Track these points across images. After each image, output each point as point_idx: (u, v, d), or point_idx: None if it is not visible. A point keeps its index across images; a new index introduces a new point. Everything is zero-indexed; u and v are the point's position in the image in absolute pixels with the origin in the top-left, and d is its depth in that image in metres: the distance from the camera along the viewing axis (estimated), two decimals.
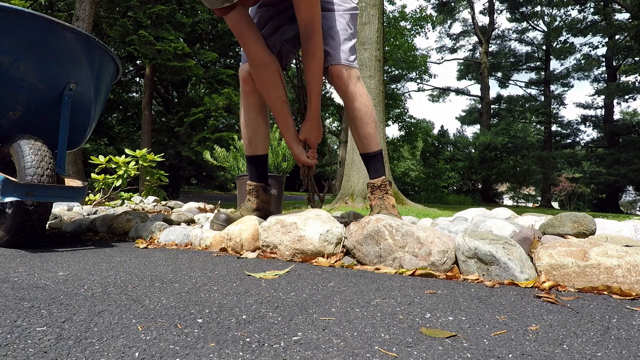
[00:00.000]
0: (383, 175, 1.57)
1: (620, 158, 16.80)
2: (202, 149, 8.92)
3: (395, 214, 1.55)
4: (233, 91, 9.73)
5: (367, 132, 1.57)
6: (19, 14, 1.60)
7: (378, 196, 1.56)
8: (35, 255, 1.52)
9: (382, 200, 1.55)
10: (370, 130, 1.56)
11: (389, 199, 1.56)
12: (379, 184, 1.56)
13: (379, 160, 1.59)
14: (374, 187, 1.58)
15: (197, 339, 0.65)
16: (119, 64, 2.12)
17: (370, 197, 1.60)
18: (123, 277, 1.13)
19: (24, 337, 0.65)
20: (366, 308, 0.85)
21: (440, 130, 23.59)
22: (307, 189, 1.88)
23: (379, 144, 1.62)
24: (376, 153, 1.59)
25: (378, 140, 1.61)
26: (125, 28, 8.99)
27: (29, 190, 1.57)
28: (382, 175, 1.58)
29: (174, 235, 1.93)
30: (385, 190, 1.57)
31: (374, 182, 1.58)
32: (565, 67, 23.42)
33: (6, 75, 1.65)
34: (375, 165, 1.59)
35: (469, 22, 23.74)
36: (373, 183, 1.58)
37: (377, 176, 1.58)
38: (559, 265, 1.04)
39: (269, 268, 1.30)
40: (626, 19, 16.59)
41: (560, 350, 0.63)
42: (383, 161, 1.62)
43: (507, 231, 1.46)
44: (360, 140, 1.60)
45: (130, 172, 4.05)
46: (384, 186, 1.57)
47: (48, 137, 1.86)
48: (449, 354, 0.61)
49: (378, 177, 1.58)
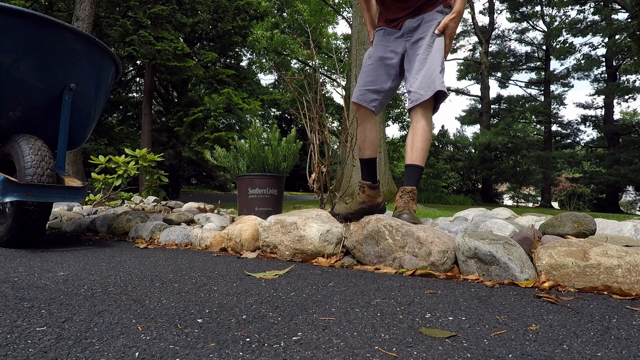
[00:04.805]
0: (415, 186, 1.79)
1: (620, 158, 16.79)
2: (202, 148, 8.92)
3: (415, 217, 1.68)
4: (233, 91, 9.73)
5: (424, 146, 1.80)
6: (19, 14, 1.59)
7: (405, 200, 1.75)
8: (35, 255, 1.52)
9: (407, 203, 1.73)
10: (425, 146, 1.80)
11: (413, 204, 1.75)
12: (409, 190, 1.77)
13: (420, 174, 1.82)
14: (404, 192, 1.77)
15: (197, 339, 0.65)
16: (119, 64, 2.12)
17: (398, 199, 1.78)
18: (123, 277, 1.13)
19: (24, 337, 0.65)
20: (366, 308, 0.85)
21: (440, 130, 23.59)
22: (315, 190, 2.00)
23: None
24: (421, 168, 1.81)
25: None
26: (125, 28, 8.98)
27: (29, 190, 1.57)
28: (415, 185, 1.79)
29: (174, 235, 1.93)
30: (412, 196, 1.76)
31: (405, 188, 1.78)
32: (565, 67, 23.44)
33: (6, 75, 1.64)
34: (414, 176, 1.80)
35: (469, 22, 23.72)
36: (405, 189, 1.78)
37: (410, 185, 1.79)
38: (559, 265, 1.04)
39: (269, 268, 1.30)
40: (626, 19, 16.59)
41: (560, 350, 0.63)
42: (421, 176, 1.84)
43: (507, 231, 1.46)
44: (413, 152, 1.81)
45: (130, 172, 4.05)
46: (412, 193, 1.77)
47: (48, 137, 1.85)
48: (449, 354, 0.60)
49: (410, 186, 1.78)
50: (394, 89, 1.95)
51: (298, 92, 2.09)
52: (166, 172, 4.65)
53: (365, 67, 1.94)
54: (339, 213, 1.88)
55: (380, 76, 1.89)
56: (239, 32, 11.59)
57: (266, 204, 2.58)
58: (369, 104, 1.90)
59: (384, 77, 1.89)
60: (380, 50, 1.90)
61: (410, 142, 1.80)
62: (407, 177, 1.81)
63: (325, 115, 2.09)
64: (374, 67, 1.90)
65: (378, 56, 1.90)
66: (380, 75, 1.89)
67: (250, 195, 2.58)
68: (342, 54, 18.87)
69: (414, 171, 1.79)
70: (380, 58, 1.89)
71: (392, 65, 1.89)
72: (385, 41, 1.91)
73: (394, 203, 1.82)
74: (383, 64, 1.89)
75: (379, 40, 1.94)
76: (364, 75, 1.92)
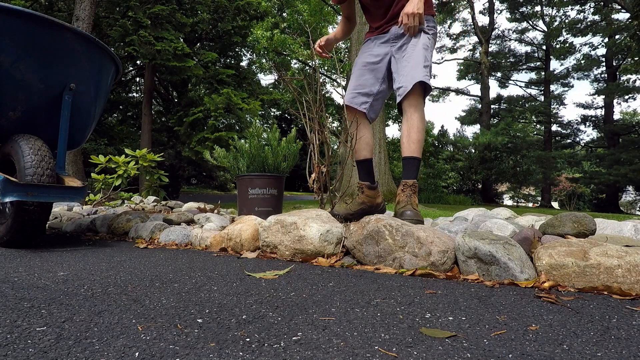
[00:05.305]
0: (415, 179, 1.82)
1: (620, 158, 16.78)
2: (202, 148, 8.92)
3: (418, 213, 1.71)
4: (233, 91, 9.73)
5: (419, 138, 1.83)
6: (19, 14, 1.59)
7: (407, 194, 1.78)
8: (35, 255, 1.52)
9: (410, 197, 1.77)
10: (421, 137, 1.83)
11: (414, 198, 1.78)
12: (410, 184, 1.80)
13: (418, 165, 1.84)
14: (406, 185, 1.80)
15: (197, 339, 0.65)
16: (119, 64, 2.12)
17: (400, 193, 1.81)
18: (123, 277, 1.13)
19: (24, 337, 0.65)
20: (366, 308, 0.85)
21: (440, 130, 23.57)
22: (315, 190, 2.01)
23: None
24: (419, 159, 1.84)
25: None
26: (125, 28, 8.98)
27: (29, 190, 1.57)
28: (415, 179, 1.82)
29: (174, 235, 1.93)
30: (413, 190, 1.80)
31: (407, 182, 1.81)
32: (565, 67, 23.41)
33: (6, 75, 1.64)
34: (414, 169, 1.83)
35: (469, 22, 23.71)
36: (406, 182, 1.81)
37: (411, 178, 1.81)
38: (559, 265, 1.04)
39: (269, 268, 1.30)
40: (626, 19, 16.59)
41: (560, 350, 0.63)
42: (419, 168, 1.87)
43: (507, 231, 1.46)
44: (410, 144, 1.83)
45: (130, 172, 4.05)
46: (414, 186, 1.80)
47: (48, 137, 1.85)
48: (449, 354, 0.60)
49: (411, 180, 1.81)
50: (385, 91, 2.01)
51: (298, 92, 2.09)
52: (166, 172, 4.65)
53: (353, 72, 2.03)
54: (339, 213, 1.89)
55: (367, 80, 1.96)
56: (239, 32, 11.59)
57: (266, 204, 2.58)
58: (360, 106, 1.96)
59: (371, 80, 1.96)
60: (366, 57, 1.99)
61: (406, 134, 1.83)
62: (406, 169, 1.84)
63: (325, 115, 2.09)
64: (361, 72, 1.98)
65: (364, 62, 1.98)
66: (368, 79, 1.96)
67: (250, 195, 2.58)
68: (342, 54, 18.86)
69: (412, 163, 1.82)
70: (367, 63, 1.97)
71: (378, 69, 1.96)
72: (370, 48, 2.00)
73: (395, 198, 1.83)
74: (369, 68, 1.97)
75: (364, 50, 2.03)
76: (353, 80, 2.00)
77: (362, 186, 1.99)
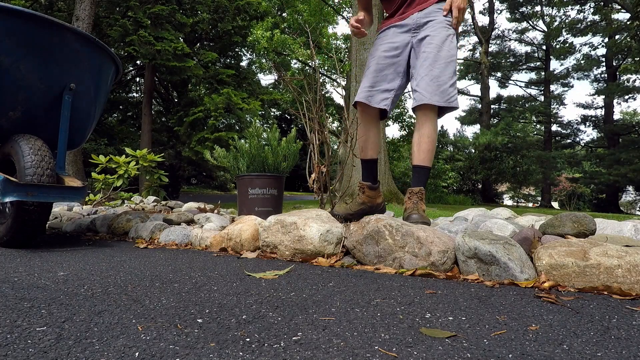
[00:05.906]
0: (422, 187, 1.80)
1: (620, 158, 16.78)
2: (202, 148, 8.92)
3: (425, 216, 1.68)
4: (233, 91, 9.73)
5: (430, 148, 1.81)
6: (19, 14, 1.59)
7: (414, 201, 1.76)
8: (35, 255, 1.52)
9: (416, 204, 1.74)
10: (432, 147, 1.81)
11: (422, 204, 1.76)
12: (417, 192, 1.77)
13: (427, 174, 1.83)
14: (412, 193, 1.78)
15: (197, 339, 0.65)
16: (119, 64, 2.12)
17: (407, 200, 1.78)
18: (123, 277, 1.13)
19: (24, 337, 0.65)
20: (366, 308, 0.85)
21: (440, 130, 23.58)
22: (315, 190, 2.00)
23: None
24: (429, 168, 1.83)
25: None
26: (125, 28, 8.99)
27: (29, 190, 1.57)
28: (422, 186, 1.80)
29: (174, 235, 1.93)
30: (420, 197, 1.77)
31: (413, 189, 1.79)
32: (565, 67, 23.45)
33: (6, 75, 1.64)
34: (422, 177, 1.81)
35: (469, 22, 23.71)
36: (412, 190, 1.79)
37: (418, 185, 1.80)
38: (559, 265, 1.04)
39: (269, 268, 1.30)
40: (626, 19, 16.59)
41: (560, 350, 0.63)
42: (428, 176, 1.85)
43: (507, 231, 1.46)
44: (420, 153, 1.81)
45: (131, 172, 4.05)
46: (420, 193, 1.78)
47: (48, 137, 1.85)
48: (449, 354, 0.60)
49: (418, 187, 1.79)
50: (404, 85, 1.90)
51: (298, 92, 2.09)
52: (166, 172, 4.66)
53: (369, 65, 1.89)
54: (339, 214, 1.89)
55: (387, 75, 1.84)
56: (239, 32, 11.59)
57: (266, 204, 2.58)
58: (380, 104, 1.84)
59: (391, 75, 1.84)
60: (385, 48, 1.85)
61: (417, 142, 1.80)
62: (415, 177, 1.82)
63: (325, 115, 2.09)
64: (379, 67, 1.85)
65: (383, 55, 1.85)
66: (388, 74, 1.84)
67: (250, 195, 2.58)
68: (342, 54, 18.86)
69: (421, 172, 1.80)
70: (386, 56, 1.84)
71: (399, 63, 1.83)
72: (389, 37, 1.86)
73: (403, 204, 1.81)
74: (389, 62, 1.84)
75: (381, 40, 1.89)
76: (370, 75, 1.86)
77: (363, 186, 1.96)
